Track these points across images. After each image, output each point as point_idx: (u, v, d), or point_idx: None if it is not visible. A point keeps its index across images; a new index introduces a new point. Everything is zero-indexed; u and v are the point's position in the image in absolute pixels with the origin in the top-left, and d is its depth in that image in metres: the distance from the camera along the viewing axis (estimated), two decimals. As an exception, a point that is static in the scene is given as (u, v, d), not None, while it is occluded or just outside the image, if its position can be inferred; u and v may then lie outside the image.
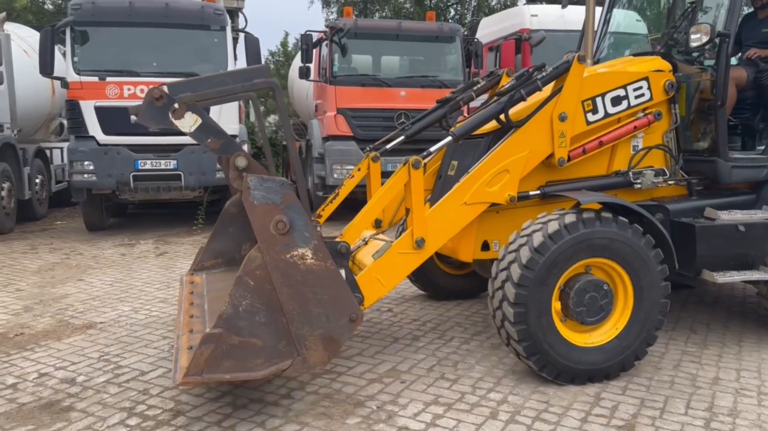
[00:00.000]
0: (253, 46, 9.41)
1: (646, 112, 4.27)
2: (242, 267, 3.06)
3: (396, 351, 4.22)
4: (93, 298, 5.67)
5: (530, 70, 4.30)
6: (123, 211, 11.38)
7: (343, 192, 4.75)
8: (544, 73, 4.07)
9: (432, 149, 4.02)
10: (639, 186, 4.20)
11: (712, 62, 4.32)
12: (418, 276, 5.30)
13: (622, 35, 6.06)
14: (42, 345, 4.39)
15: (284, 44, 40.38)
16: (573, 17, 10.91)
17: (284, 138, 3.70)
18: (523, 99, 4.01)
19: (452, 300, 5.43)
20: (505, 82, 4.90)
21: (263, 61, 11.25)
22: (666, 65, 4.33)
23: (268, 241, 3.02)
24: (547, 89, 4.11)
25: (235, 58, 9.64)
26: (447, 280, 5.38)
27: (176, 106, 3.22)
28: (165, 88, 3.26)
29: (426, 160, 4.00)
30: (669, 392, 3.55)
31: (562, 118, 3.99)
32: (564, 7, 6.54)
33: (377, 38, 9.94)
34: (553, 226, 3.54)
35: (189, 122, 3.26)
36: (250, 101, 4.50)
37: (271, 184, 3.02)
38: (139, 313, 5.17)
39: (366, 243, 4.26)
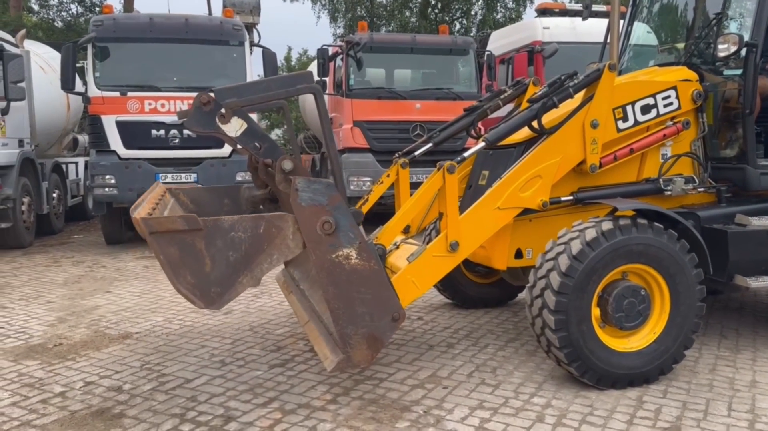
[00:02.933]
0: (271, 60, 9.56)
1: (675, 120, 4.36)
2: (271, 214, 3.10)
3: (433, 358, 4.27)
4: (124, 309, 5.74)
5: (562, 77, 4.39)
6: (139, 225, 11.46)
7: (372, 198, 4.84)
8: (575, 81, 4.16)
9: (465, 154, 4.11)
10: (669, 193, 4.28)
11: (733, 71, 4.43)
12: (446, 285, 5.38)
13: (640, 47, 6.15)
14: (82, 355, 4.46)
15: (288, 59, 40.77)
16: (584, 29, 11.01)
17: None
18: (555, 106, 4.10)
19: (480, 308, 5.49)
20: (532, 91, 5.02)
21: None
22: (693, 75, 4.43)
23: (315, 242, 3.10)
24: (578, 97, 4.21)
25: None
26: (475, 289, 5.45)
27: (223, 111, 3.31)
28: (212, 94, 3.35)
29: (460, 165, 4.08)
30: (709, 395, 3.60)
31: (594, 125, 4.08)
32: (585, 19, 6.67)
33: (392, 51, 10.09)
34: (590, 234, 3.62)
35: (235, 126, 3.36)
36: (282, 109, 4.62)
37: (317, 185, 3.10)
38: (173, 323, 5.24)
39: (397, 247, 4.34)
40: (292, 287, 4.64)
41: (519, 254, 4.36)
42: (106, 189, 8.81)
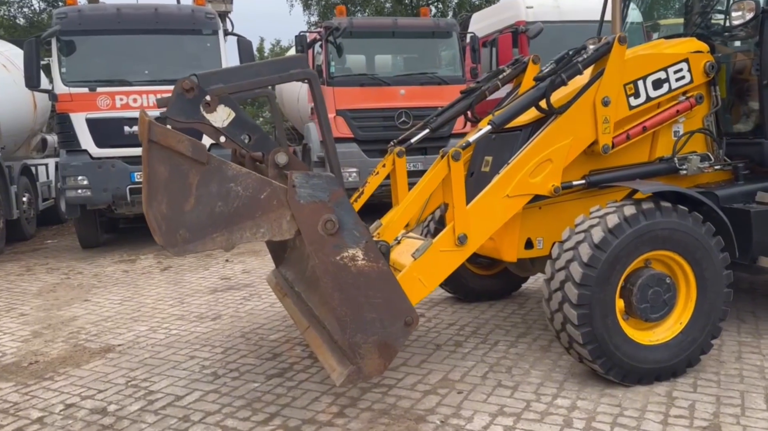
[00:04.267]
0: (246, 49, 9.14)
1: (688, 95, 4.10)
2: (279, 184, 2.76)
3: (442, 359, 3.99)
4: (104, 319, 5.36)
5: (570, 52, 4.11)
6: (115, 227, 11.00)
7: (368, 190, 4.55)
8: (584, 56, 3.88)
9: (470, 139, 3.81)
10: (685, 172, 4.03)
11: (746, 41, 4.19)
12: (447, 278, 5.03)
13: (637, 25, 5.89)
14: (61, 373, 4.10)
15: (260, 50, 40.01)
16: (568, 8, 10.81)
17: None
18: (564, 83, 3.81)
19: (483, 301, 5.22)
20: (533, 70, 4.73)
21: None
22: (704, 46, 4.17)
23: (317, 243, 2.78)
24: (587, 74, 3.93)
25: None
26: (477, 282, 5.17)
27: (208, 98, 2.97)
28: (195, 79, 3.00)
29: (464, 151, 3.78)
30: (741, 386, 3.38)
31: (605, 103, 3.80)
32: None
33: (373, 36, 9.72)
34: (612, 220, 3.35)
35: (222, 116, 3.03)
36: (268, 98, 4.28)
37: (317, 180, 2.77)
38: (157, 333, 4.89)
39: (399, 243, 4.04)
40: (286, 289, 4.32)
41: (529, 244, 4.09)
42: (79, 191, 8.35)
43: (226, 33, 9.36)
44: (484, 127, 3.91)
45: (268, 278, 4.80)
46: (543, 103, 3.78)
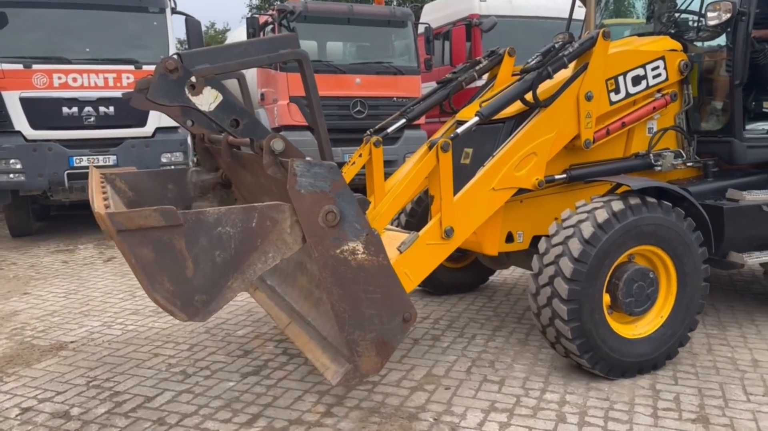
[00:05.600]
0: (195, 29, 8.75)
1: (663, 92, 4.17)
2: (264, 204, 2.59)
3: (422, 353, 3.92)
4: (50, 314, 4.97)
5: (556, 45, 4.09)
6: (46, 214, 10.32)
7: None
8: (570, 49, 3.86)
9: (459, 130, 3.73)
10: (660, 168, 4.11)
11: (712, 42, 4.30)
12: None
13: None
14: (10, 373, 3.75)
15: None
16: (521, 3, 10.93)
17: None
18: (550, 76, 3.79)
19: (453, 294, 5.19)
20: (509, 62, 4.71)
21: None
22: (677, 45, 4.25)
23: (317, 235, 2.62)
24: (570, 67, 3.92)
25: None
26: (447, 275, 5.12)
27: (194, 79, 2.75)
28: (179, 58, 2.77)
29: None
30: (719, 378, 3.47)
31: (588, 98, 3.81)
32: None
33: (328, 22, 9.48)
34: (601, 215, 3.35)
35: (208, 99, 2.82)
36: (239, 80, 4.06)
37: (318, 169, 2.60)
38: (113, 328, 4.57)
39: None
40: (258, 283, 4.11)
41: (509, 238, 4.07)
42: (11, 175, 7.75)
43: (173, 11, 8.92)
44: (468, 119, 3.83)
45: None
46: (529, 96, 3.75)
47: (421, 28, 10.27)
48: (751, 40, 4.44)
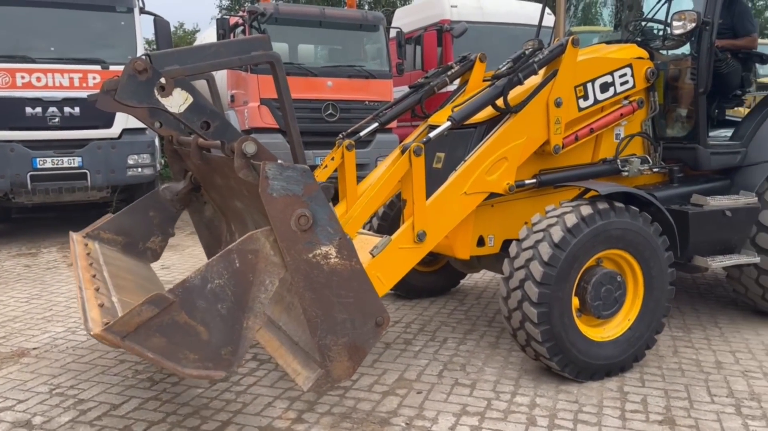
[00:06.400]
0: (164, 29, 8.62)
1: (630, 99, 4.25)
2: (237, 243, 2.60)
3: (394, 357, 3.91)
4: (12, 320, 4.83)
5: (527, 52, 4.14)
6: (7, 216, 10.04)
7: None
8: (540, 56, 3.91)
9: (431, 135, 3.74)
10: (626, 173, 4.18)
11: (678, 51, 4.41)
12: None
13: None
14: (-32, 382, 3.63)
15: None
16: (491, 10, 11.05)
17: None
18: (521, 82, 3.83)
19: (424, 298, 5.20)
20: (480, 68, 4.75)
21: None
22: (644, 53, 4.34)
23: (289, 239, 2.60)
24: (540, 74, 3.97)
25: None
26: (419, 278, 5.13)
27: (163, 80, 2.70)
28: (148, 59, 2.72)
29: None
30: (684, 380, 3.54)
31: (558, 104, 3.87)
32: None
33: (300, 24, 9.43)
34: (571, 219, 3.40)
35: (178, 100, 2.78)
36: (208, 82, 4.01)
37: (291, 172, 2.59)
38: (77, 334, 4.46)
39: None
40: None
41: (480, 242, 4.09)
42: (-29, 176, 7.53)
43: (142, 11, 8.78)
44: (440, 124, 3.85)
45: None
46: (500, 102, 3.78)
47: (393, 33, 10.30)
48: (714, 49, 4.58)
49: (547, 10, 5.95)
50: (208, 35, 13.25)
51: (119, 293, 3.23)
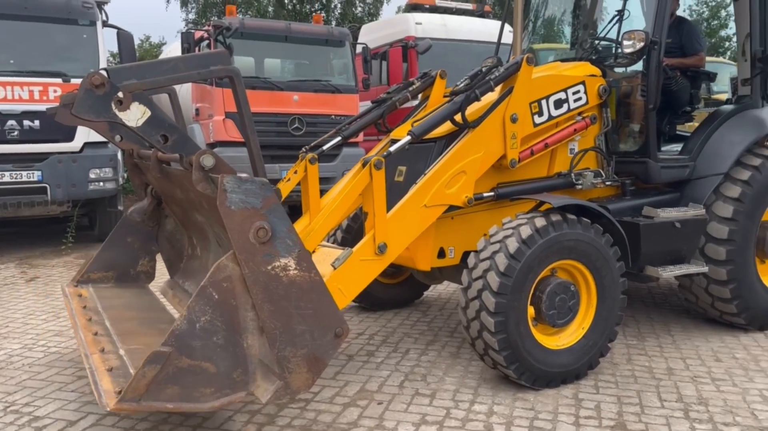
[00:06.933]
0: (127, 42, 8.61)
1: (583, 115, 4.40)
2: (208, 277, 2.65)
3: (356, 369, 3.95)
4: (-35, 337, 4.72)
5: (483, 69, 4.26)
6: (-37, 232, 9.80)
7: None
8: (496, 73, 4.04)
9: (392, 149, 3.81)
10: (580, 187, 4.32)
11: (634, 68, 4.58)
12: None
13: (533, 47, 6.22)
14: None
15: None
16: (455, 27, 11.28)
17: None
18: (477, 99, 3.94)
19: (388, 310, 5.25)
20: (440, 84, 4.85)
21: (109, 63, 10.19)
22: (597, 70, 4.51)
23: (248, 252, 2.64)
24: (497, 90, 4.09)
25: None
26: (383, 290, 5.18)
27: (120, 95, 2.72)
28: (106, 74, 2.75)
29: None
30: (637, 386, 3.66)
31: (514, 120, 3.99)
32: (479, 13, 6.61)
33: (265, 39, 9.48)
34: (525, 231, 3.50)
35: (136, 114, 2.80)
36: (170, 96, 4.03)
37: (250, 185, 2.64)
38: (34, 351, 4.38)
39: (313, 252, 3.96)
40: (186, 301, 4.05)
41: (441, 253, 4.17)
42: (-75, 191, 7.35)
43: (105, 24, 8.73)
44: (401, 138, 3.93)
45: (162, 289, 4.47)
46: (458, 117, 3.88)
47: (359, 48, 10.42)
48: (663, 67, 4.77)
49: (509, 27, 6.13)
50: (174, 48, 13.20)
51: (125, 342, 3.28)
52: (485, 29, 11.03)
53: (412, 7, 11.86)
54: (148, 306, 4.05)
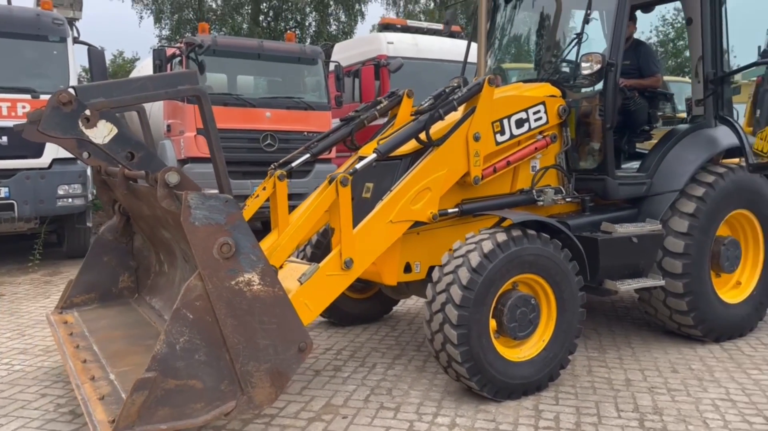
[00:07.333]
0: (98, 59, 8.61)
1: (544, 134, 4.55)
2: (180, 298, 2.71)
3: (322, 384, 3.99)
4: (-74, 356, 4.65)
5: (447, 90, 4.39)
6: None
7: (247, 213, 4.45)
8: (459, 94, 4.16)
9: (358, 166, 3.90)
10: (541, 203, 4.45)
11: (587, 90, 4.75)
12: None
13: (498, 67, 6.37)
14: None
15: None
16: (425, 46, 11.47)
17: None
18: (441, 118, 4.06)
19: (357, 325, 5.30)
20: (407, 103, 4.97)
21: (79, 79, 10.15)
22: (557, 91, 4.66)
23: (211, 267, 2.70)
24: (461, 110, 4.22)
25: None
26: (351, 305, 5.24)
27: (88, 112, 2.77)
28: (73, 92, 2.79)
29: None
30: (596, 397, 3.76)
31: (476, 138, 4.11)
32: (445, 33, 6.77)
33: (238, 56, 9.53)
34: (487, 245, 3.61)
35: (103, 132, 2.85)
36: (139, 113, 4.07)
37: (214, 201, 2.70)
38: (-3, 369, 4.34)
39: (281, 268, 4.01)
40: (154, 318, 4.07)
41: (407, 268, 4.25)
42: None
43: (76, 41, 8.72)
44: (368, 155, 4.02)
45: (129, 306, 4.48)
46: (423, 136, 3.99)
47: (331, 66, 10.54)
48: (621, 88, 4.95)
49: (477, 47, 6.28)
50: (147, 64, 13.16)
51: (114, 365, 3.31)
52: (455, 49, 11.23)
53: (384, 27, 12.06)
54: (134, 322, 4.06)
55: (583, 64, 4.41)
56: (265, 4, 23.53)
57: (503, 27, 6.03)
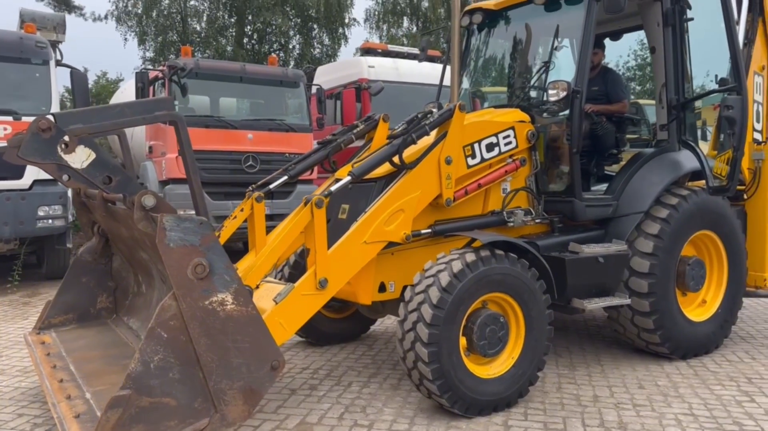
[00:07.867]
0: (80, 82, 8.70)
1: (514, 158, 4.71)
2: (155, 318, 2.80)
3: (298, 403, 4.06)
4: None
5: (419, 115, 4.55)
6: None
7: (225, 234, 4.55)
8: (431, 119, 4.32)
9: (332, 188, 4.03)
10: (512, 224, 4.60)
11: (554, 115, 4.94)
12: (298, 322, 5.17)
13: (471, 91, 6.57)
14: None
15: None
16: (405, 70, 11.73)
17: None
18: (414, 142, 4.21)
19: (334, 344, 5.38)
20: (383, 127, 5.12)
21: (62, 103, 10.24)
22: (526, 116, 4.84)
23: (185, 287, 2.80)
24: (433, 134, 4.37)
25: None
26: (329, 325, 5.33)
27: (66, 138, 2.88)
28: (52, 118, 2.90)
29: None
30: (564, 413, 3.87)
31: (448, 161, 4.26)
32: (421, 60, 6.99)
33: (220, 79, 9.69)
34: (456, 265, 3.73)
35: (81, 157, 2.96)
36: (119, 137, 4.18)
37: (189, 224, 2.81)
38: (-26, 390, 4.35)
39: (257, 287, 4.11)
40: (131, 338, 4.13)
41: (382, 288, 4.36)
42: None
43: (58, 63, 8.81)
44: (344, 178, 4.15)
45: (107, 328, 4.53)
46: (396, 159, 4.14)
47: (313, 89, 10.72)
48: (588, 113, 5.16)
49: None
50: (130, 85, 13.27)
51: (91, 384, 3.38)
52: (435, 73, 11.38)
53: (365, 51, 12.31)
54: (112, 343, 4.12)
55: (550, 91, 4.61)
56: (249, 27, 23.78)
57: (478, 52, 6.24)
